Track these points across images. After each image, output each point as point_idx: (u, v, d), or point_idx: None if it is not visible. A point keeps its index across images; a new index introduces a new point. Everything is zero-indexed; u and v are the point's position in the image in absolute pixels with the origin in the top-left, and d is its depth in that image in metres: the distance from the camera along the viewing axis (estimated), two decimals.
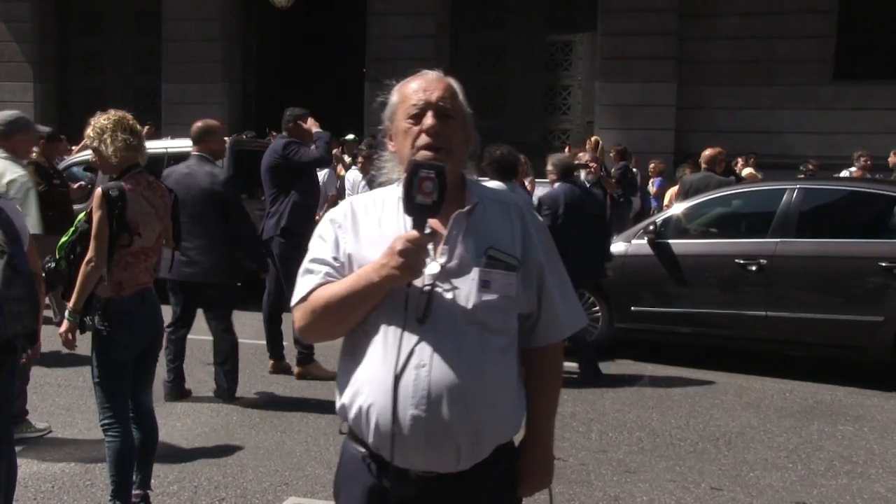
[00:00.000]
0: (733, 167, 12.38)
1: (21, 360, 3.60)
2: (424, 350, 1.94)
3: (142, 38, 19.74)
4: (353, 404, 2.01)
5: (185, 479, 4.71)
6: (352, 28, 18.55)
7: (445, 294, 1.97)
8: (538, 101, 17.88)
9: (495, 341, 2.00)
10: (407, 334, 1.95)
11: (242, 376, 6.50)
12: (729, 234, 8.10)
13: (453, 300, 1.97)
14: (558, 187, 7.32)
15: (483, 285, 1.99)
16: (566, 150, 12.34)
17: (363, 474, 2.04)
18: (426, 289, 1.96)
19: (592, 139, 13.84)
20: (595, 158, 11.40)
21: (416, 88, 2.07)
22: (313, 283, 2.04)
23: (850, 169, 11.91)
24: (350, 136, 14.89)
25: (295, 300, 2.07)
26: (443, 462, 1.98)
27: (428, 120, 2.03)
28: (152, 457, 4.24)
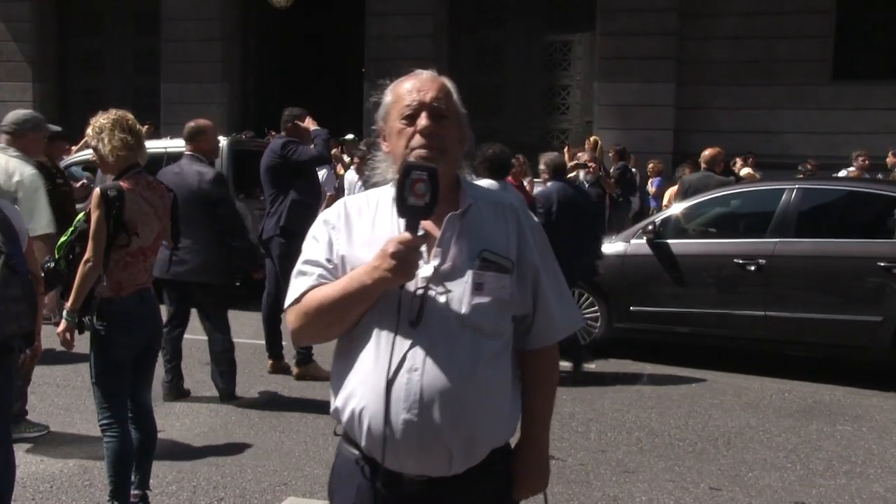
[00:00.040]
0: (732, 167, 12.38)
1: (19, 361, 3.59)
2: (417, 354, 1.93)
3: (141, 38, 19.73)
4: (346, 407, 2.00)
5: (184, 479, 4.71)
6: (351, 28, 18.56)
7: (438, 297, 1.96)
8: (537, 101, 17.86)
9: (489, 345, 1.98)
10: (399, 338, 1.93)
11: (241, 376, 6.50)
12: (728, 234, 8.11)
13: (446, 303, 1.96)
14: (551, 186, 7.38)
15: (476, 288, 1.97)
16: (565, 150, 12.35)
17: (357, 476, 2.03)
18: (419, 292, 1.95)
19: (591, 139, 13.86)
20: (594, 158, 11.45)
21: (410, 89, 2.05)
22: (306, 285, 2.02)
23: (849, 169, 11.92)
24: (350, 136, 14.87)
25: (288, 302, 2.05)
26: (435, 466, 1.97)
27: (422, 121, 2.01)
28: (151, 457, 4.24)
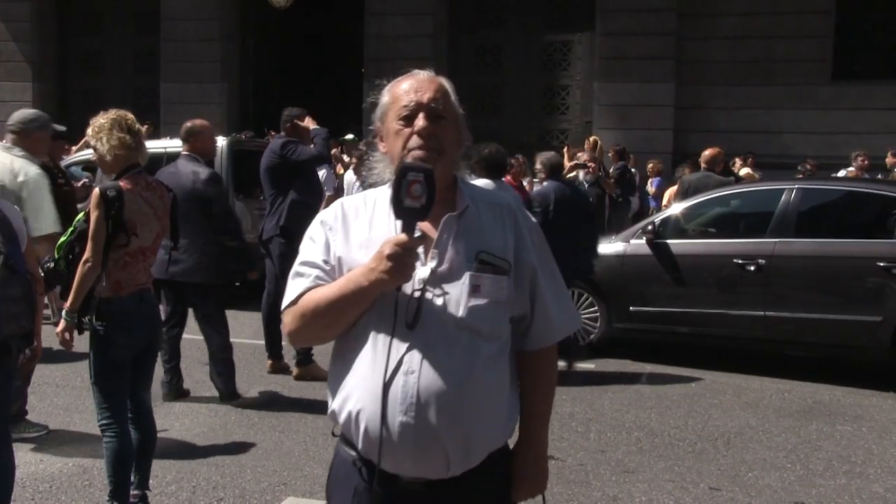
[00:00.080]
0: (731, 167, 12.39)
1: (18, 361, 3.59)
2: (414, 356, 1.92)
3: (141, 38, 19.73)
4: (343, 409, 1.99)
5: (184, 479, 4.71)
6: (350, 28, 18.55)
7: (435, 299, 1.95)
8: (536, 101, 17.86)
9: (486, 347, 1.97)
10: (396, 340, 1.92)
11: (241, 376, 6.50)
12: (727, 234, 8.10)
13: (443, 305, 1.95)
14: (548, 185, 7.42)
15: (473, 289, 1.96)
16: (565, 150, 12.34)
17: (354, 477, 2.03)
18: (416, 294, 1.93)
19: (591, 139, 13.84)
20: (594, 158, 11.44)
21: (408, 89, 2.04)
22: (303, 287, 2.01)
23: (848, 169, 11.93)
24: (349, 136, 14.87)
25: (285, 304, 2.04)
26: (432, 468, 1.96)
27: (420, 121, 2.00)
28: (150, 457, 4.24)
